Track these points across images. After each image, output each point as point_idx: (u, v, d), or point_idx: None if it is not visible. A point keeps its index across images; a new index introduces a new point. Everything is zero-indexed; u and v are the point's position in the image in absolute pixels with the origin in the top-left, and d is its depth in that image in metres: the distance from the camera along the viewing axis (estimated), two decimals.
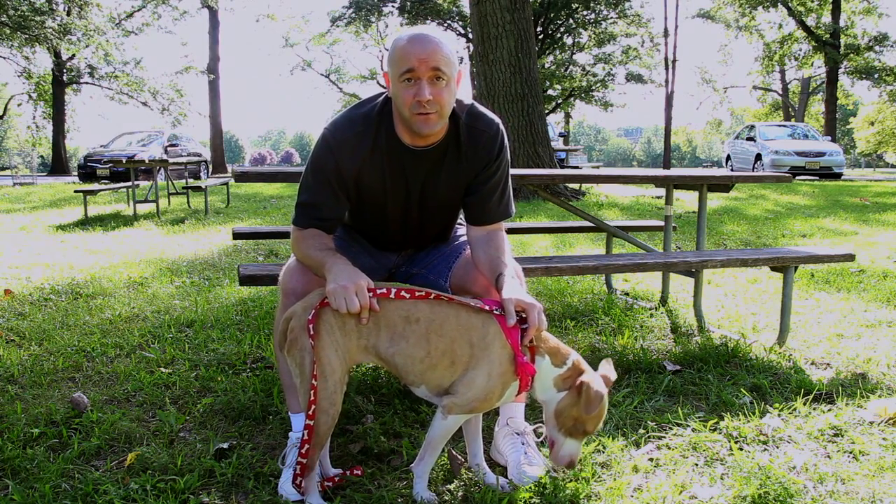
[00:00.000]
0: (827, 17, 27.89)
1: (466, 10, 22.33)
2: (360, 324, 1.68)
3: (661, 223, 4.03)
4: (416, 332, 1.70)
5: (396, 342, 1.71)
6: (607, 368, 1.81)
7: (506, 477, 1.87)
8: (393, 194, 1.99)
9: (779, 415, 2.32)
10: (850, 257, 3.27)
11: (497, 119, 2.01)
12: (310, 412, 1.64)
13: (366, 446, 2.07)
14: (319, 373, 1.65)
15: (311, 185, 1.94)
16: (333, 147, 1.90)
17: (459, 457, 1.97)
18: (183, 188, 11.02)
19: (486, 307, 1.74)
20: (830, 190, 12.84)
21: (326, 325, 1.68)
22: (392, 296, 1.71)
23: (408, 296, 1.73)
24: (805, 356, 3.00)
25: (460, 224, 2.30)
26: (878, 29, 29.39)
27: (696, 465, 1.98)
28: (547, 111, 23.96)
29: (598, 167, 23.96)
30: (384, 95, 1.95)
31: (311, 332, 1.65)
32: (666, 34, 26.79)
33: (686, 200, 10.53)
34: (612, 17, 25.32)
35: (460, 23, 24.94)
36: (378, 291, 1.70)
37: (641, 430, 2.20)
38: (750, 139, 19.44)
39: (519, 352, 1.69)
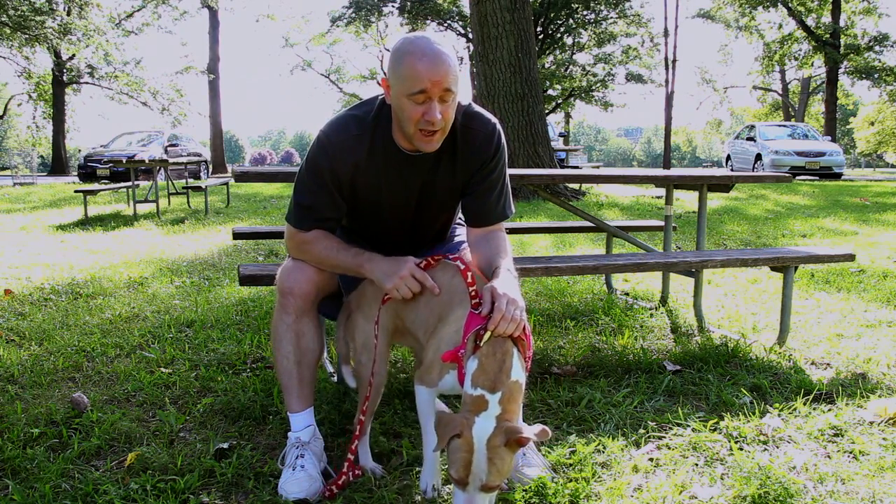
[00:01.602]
0: (827, 17, 27.89)
1: (466, 10, 22.33)
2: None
3: (661, 223, 4.03)
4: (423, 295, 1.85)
5: (407, 303, 1.85)
6: (529, 428, 1.53)
7: None
8: (389, 197, 1.99)
9: (779, 415, 2.32)
10: (850, 257, 3.27)
11: (493, 119, 2.00)
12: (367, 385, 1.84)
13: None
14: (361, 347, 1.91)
15: (309, 186, 1.93)
16: (329, 149, 1.89)
17: None
18: (183, 188, 11.02)
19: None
20: (830, 190, 12.84)
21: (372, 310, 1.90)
22: (434, 262, 1.87)
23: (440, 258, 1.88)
24: (805, 356, 3.00)
25: (458, 224, 2.30)
26: (878, 29, 29.37)
27: (696, 465, 1.98)
28: (547, 111, 23.96)
29: (598, 167, 23.96)
30: (381, 98, 1.94)
31: (377, 333, 1.84)
32: (666, 34, 26.80)
33: (686, 200, 10.53)
34: (612, 17, 25.31)
35: (460, 23, 24.93)
36: (422, 264, 1.86)
37: (641, 430, 2.19)
38: (750, 139, 19.44)
39: (462, 341, 1.65)
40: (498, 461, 1.50)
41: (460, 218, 2.29)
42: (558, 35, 24.75)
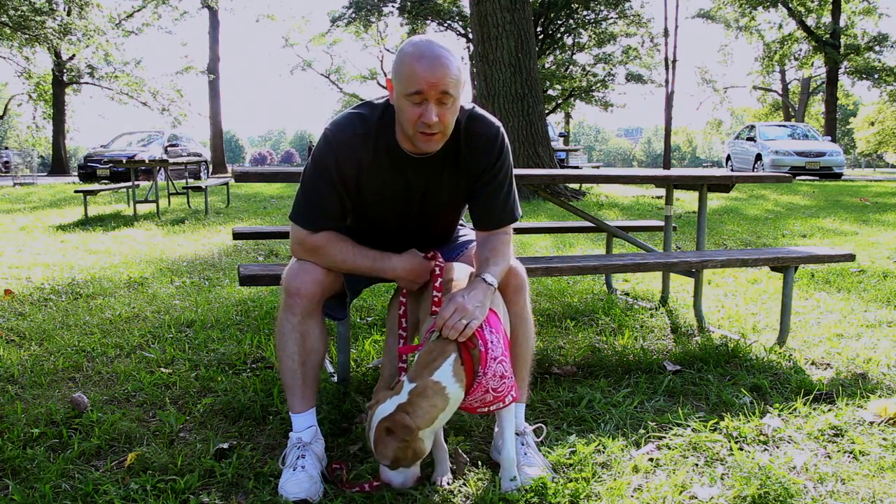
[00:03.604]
0: (827, 18, 27.90)
1: (466, 10, 22.33)
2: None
3: (661, 223, 4.03)
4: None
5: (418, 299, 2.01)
6: (410, 426, 1.60)
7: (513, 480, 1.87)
8: (393, 198, 1.99)
9: (779, 415, 2.32)
10: (850, 257, 3.27)
11: (497, 123, 2.00)
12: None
13: (365, 445, 2.07)
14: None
15: (316, 184, 1.93)
16: (335, 147, 1.90)
17: (464, 455, 1.97)
18: (183, 188, 11.02)
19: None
20: (830, 190, 12.84)
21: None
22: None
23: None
24: (805, 356, 3.00)
25: (462, 225, 2.30)
26: (878, 29, 29.53)
27: (696, 465, 1.98)
28: (547, 111, 23.96)
29: (598, 167, 23.96)
30: (386, 99, 1.94)
31: (405, 325, 1.94)
32: (666, 34, 26.77)
33: (686, 200, 10.53)
34: (612, 17, 25.31)
35: (460, 23, 24.92)
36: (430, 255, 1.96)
37: (641, 430, 2.19)
38: (750, 139, 19.45)
39: (423, 342, 1.77)
40: (380, 445, 1.62)
41: (463, 221, 2.28)
42: (558, 35, 24.75)
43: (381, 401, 1.66)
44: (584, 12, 24.19)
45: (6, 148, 27.01)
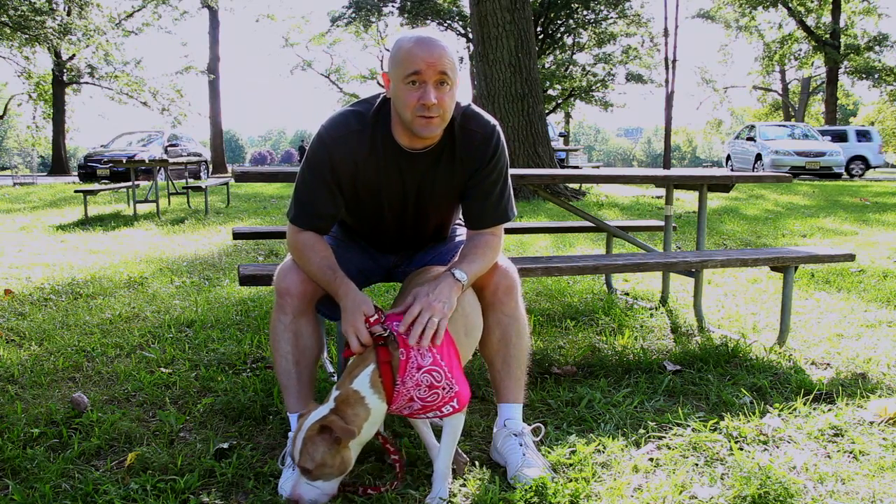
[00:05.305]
0: (827, 17, 27.93)
1: (466, 10, 22.33)
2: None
3: (661, 223, 4.03)
4: None
5: None
6: (345, 428, 1.61)
7: (505, 479, 1.87)
8: (388, 195, 1.99)
9: (779, 415, 2.32)
10: (850, 257, 3.27)
11: (493, 121, 1.99)
12: None
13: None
14: None
15: (308, 182, 1.94)
16: (329, 144, 1.90)
17: (464, 455, 1.97)
18: (183, 188, 11.02)
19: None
20: (830, 190, 12.84)
21: None
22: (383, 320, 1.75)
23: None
24: (805, 356, 3.00)
25: (459, 224, 2.29)
26: (878, 29, 29.54)
27: (696, 465, 1.98)
28: (547, 111, 23.96)
29: (598, 167, 23.96)
30: (382, 96, 1.94)
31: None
32: (666, 34, 26.72)
33: (686, 200, 10.53)
34: (612, 17, 25.31)
35: (460, 23, 24.93)
36: (372, 319, 1.74)
37: (641, 430, 2.19)
38: (750, 139, 19.46)
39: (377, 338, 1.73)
40: (309, 446, 1.62)
41: (460, 220, 2.28)
42: (558, 35, 24.75)
43: (311, 410, 1.68)
44: (584, 12, 24.18)
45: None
